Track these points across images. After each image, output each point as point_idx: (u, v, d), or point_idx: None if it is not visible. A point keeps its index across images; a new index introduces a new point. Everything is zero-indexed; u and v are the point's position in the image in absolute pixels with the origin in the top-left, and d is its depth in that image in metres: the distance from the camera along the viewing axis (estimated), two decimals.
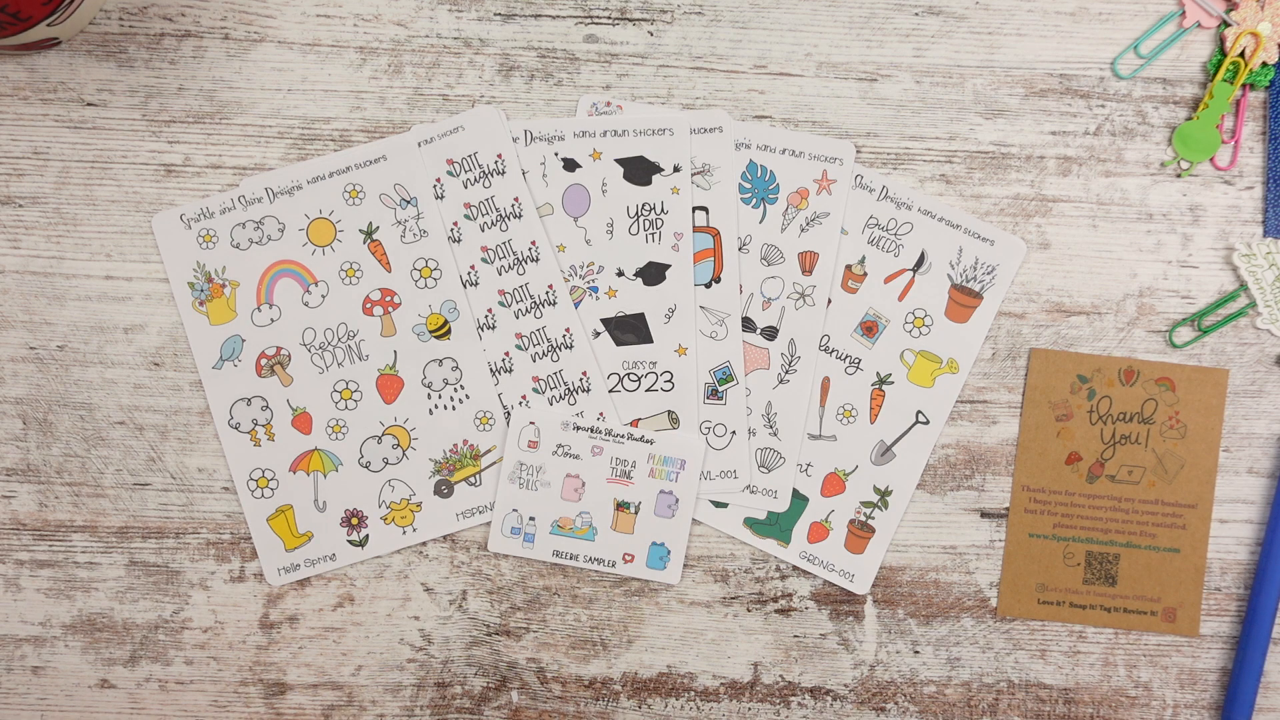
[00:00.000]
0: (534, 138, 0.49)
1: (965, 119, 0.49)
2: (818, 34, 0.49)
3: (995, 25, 0.49)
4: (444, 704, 0.49)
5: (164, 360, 0.49)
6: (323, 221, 0.49)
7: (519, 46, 0.49)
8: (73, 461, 0.49)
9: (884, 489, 0.49)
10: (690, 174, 0.49)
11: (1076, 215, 0.49)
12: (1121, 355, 0.49)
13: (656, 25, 0.49)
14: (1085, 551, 0.48)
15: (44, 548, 0.49)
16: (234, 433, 0.48)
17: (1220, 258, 0.49)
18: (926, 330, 0.49)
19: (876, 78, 0.49)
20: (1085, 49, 0.49)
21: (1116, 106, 0.49)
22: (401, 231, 0.49)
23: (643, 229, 0.49)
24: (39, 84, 0.49)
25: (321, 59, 0.49)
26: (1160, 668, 0.49)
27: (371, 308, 0.49)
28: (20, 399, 0.49)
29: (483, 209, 0.49)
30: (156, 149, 0.49)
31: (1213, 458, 0.48)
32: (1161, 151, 0.49)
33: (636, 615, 0.49)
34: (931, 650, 0.49)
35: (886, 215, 0.49)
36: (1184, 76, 0.49)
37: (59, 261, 0.49)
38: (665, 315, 0.49)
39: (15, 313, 0.49)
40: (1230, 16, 0.48)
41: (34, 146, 0.49)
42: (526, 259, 0.49)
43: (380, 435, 0.49)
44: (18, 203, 0.49)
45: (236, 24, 0.49)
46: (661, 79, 0.49)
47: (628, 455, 0.48)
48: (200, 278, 0.48)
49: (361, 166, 0.49)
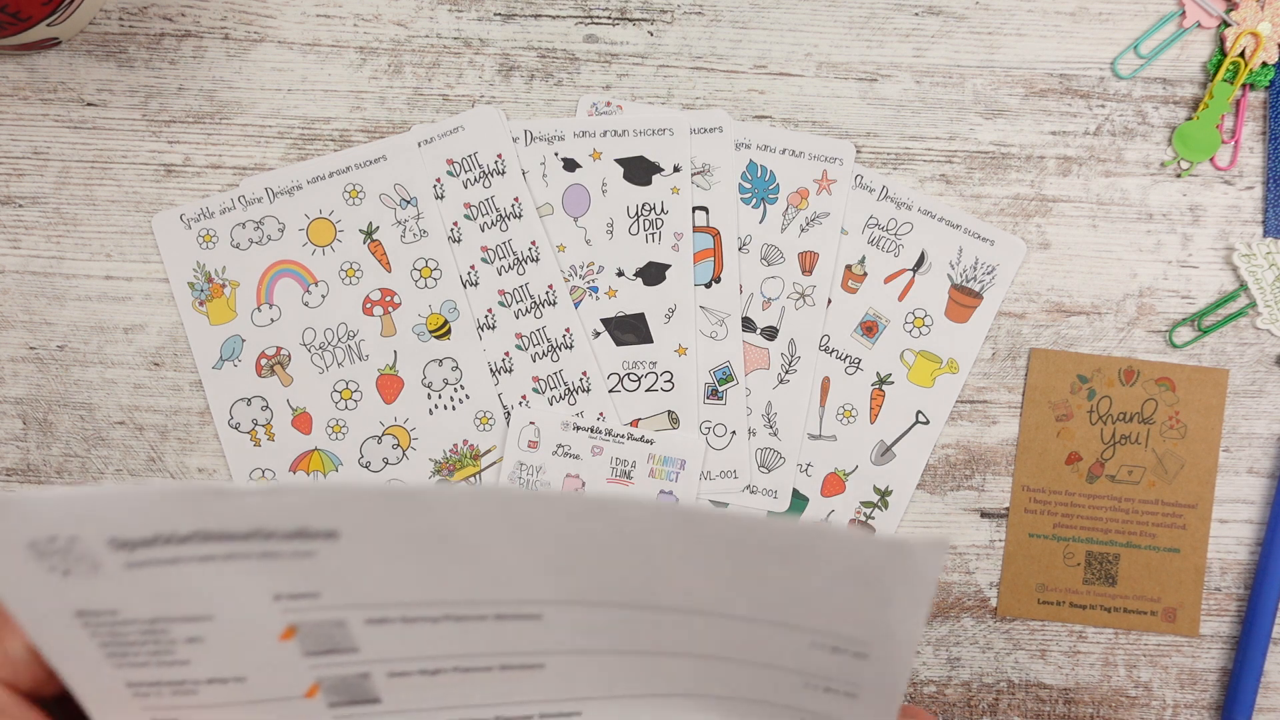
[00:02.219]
0: (534, 138, 0.49)
1: (965, 119, 0.49)
2: (818, 34, 0.49)
3: (995, 25, 0.49)
4: None
5: (164, 360, 0.49)
6: (323, 221, 0.49)
7: (519, 46, 0.49)
8: (73, 461, 0.49)
9: (884, 489, 0.49)
10: (690, 174, 0.49)
11: (1076, 215, 0.49)
12: (1121, 355, 0.49)
13: (656, 25, 0.49)
14: (1085, 551, 0.48)
15: None
16: (234, 433, 0.48)
17: (1220, 258, 0.49)
18: (926, 330, 0.49)
19: (876, 78, 0.49)
20: (1085, 49, 0.49)
21: (1116, 106, 0.49)
22: (401, 231, 0.49)
23: (643, 229, 0.49)
24: (39, 84, 0.49)
25: (321, 59, 0.49)
26: (1160, 668, 0.49)
27: (371, 308, 0.49)
28: (20, 399, 0.49)
29: (483, 209, 0.49)
30: (156, 149, 0.49)
31: (1213, 458, 0.48)
32: (1161, 151, 0.49)
33: None
34: (931, 650, 0.49)
35: (886, 215, 0.49)
36: (1184, 76, 0.49)
37: (59, 261, 0.49)
38: (665, 315, 0.49)
39: (15, 313, 0.49)
40: (1230, 16, 0.48)
41: (34, 146, 0.49)
42: (526, 259, 0.49)
43: (380, 435, 0.49)
44: (18, 203, 0.49)
45: (236, 24, 0.49)
46: (661, 79, 0.49)
47: (628, 455, 0.48)
48: (200, 278, 0.48)
49: (361, 166, 0.49)
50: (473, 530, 0.26)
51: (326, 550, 0.26)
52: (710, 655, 0.30)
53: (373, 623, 0.28)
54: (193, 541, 0.26)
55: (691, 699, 0.31)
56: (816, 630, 0.29)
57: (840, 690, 0.30)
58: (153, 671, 0.28)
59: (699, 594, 0.28)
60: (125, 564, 0.26)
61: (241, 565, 0.26)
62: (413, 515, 0.25)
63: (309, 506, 0.25)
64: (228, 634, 0.28)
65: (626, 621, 0.29)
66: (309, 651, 0.28)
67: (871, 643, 0.28)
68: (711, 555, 0.26)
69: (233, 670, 0.29)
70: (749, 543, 0.26)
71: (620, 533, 0.26)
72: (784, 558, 0.27)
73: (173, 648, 0.28)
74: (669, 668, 0.30)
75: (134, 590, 0.27)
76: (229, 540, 0.26)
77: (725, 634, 0.29)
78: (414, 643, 0.28)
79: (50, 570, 0.26)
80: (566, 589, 0.27)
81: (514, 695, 0.30)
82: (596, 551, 0.26)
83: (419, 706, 0.30)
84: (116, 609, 0.27)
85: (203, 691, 0.29)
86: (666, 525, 0.26)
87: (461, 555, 0.26)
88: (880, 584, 0.27)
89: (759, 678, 0.30)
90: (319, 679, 0.29)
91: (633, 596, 0.28)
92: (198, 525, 0.25)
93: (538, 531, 0.26)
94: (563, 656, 0.29)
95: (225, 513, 0.25)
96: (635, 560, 0.27)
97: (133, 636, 0.28)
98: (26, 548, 0.26)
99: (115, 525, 0.25)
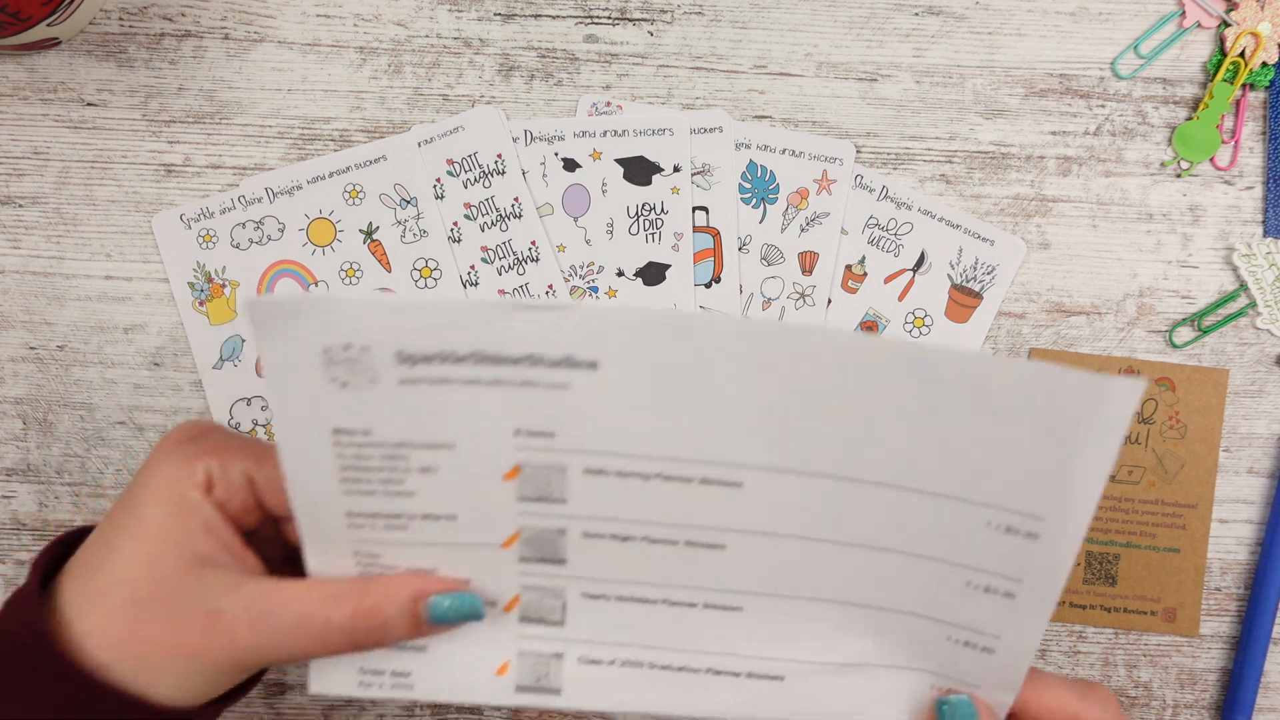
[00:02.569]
0: (534, 138, 0.49)
1: (965, 119, 0.49)
2: (818, 34, 0.49)
3: (995, 25, 0.49)
4: (444, 702, 0.49)
5: (164, 360, 0.49)
6: (323, 221, 0.49)
7: (519, 46, 0.49)
8: (73, 461, 0.49)
9: None
10: (690, 174, 0.49)
11: (1076, 215, 0.49)
12: (1121, 355, 0.49)
13: (656, 25, 0.49)
14: (1085, 551, 0.48)
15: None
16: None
17: (1220, 258, 0.49)
18: (926, 330, 0.49)
19: (876, 78, 0.49)
20: (1085, 49, 0.49)
21: (1116, 106, 0.49)
22: (401, 231, 0.49)
23: (643, 229, 0.49)
24: (39, 84, 0.49)
25: (321, 59, 0.49)
26: (1160, 668, 0.49)
27: None
28: (20, 399, 0.49)
29: (483, 209, 0.49)
30: (156, 149, 0.49)
31: (1213, 458, 0.48)
32: (1161, 151, 0.49)
33: None
34: None
35: (886, 215, 0.49)
36: (1184, 76, 0.49)
37: (59, 261, 0.49)
38: None
39: (15, 313, 0.49)
40: (1230, 16, 0.48)
41: (34, 146, 0.49)
42: (526, 259, 0.49)
43: None
44: (18, 203, 0.49)
45: (236, 24, 0.49)
46: (661, 79, 0.49)
47: None
48: (200, 278, 0.49)
49: (361, 166, 0.49)
50: (718, 359, 0.28)
51: (580, 383, 0.29)
52: (887, 547, 0.31)
53: (590, 473, 0.31)
54: (467, 362, 0.29)
55: (850, 611, 0.33)
56: (995, 504, 0.30)
57: (999, 591, 0.31)
58: (376, 502, 0.31)
59: (895, 454, 0.30)
60: (399, 380, 0.29)
61: (499, 394, 0.29)
62: (673, 340, 0.28)
63: (583, 330, 0.28)
64: (460, 467, 0.30)
65: (819, 498, 0.30)
66: (523, 496, 0.31)
67: (1047, 516, 0.30)
68: (912, 396, 0.29)
69: (449, 508, 0.31)
70: (951, 380, 0.28)
71: (844, 371, 0.28)
72: (977, 397, 0.29)
73: (404, 477, 0.31)
74: (842, 563, 0.32)
75: (396, 410, 0.30)
76: (500, 364, 0.29)
77: (908, 515, 0.31)
78: (619, 502, 0.31)
79: (330, 380, 0.29)
80: (775, 451, 0.30)
81: (687, 579, 0.32)
82: (817, 394, 0.29)
83: (597, 576, 0.33)
84: (371, 429, 0.30)
85: (413, 528, 0.32)
86: (888, 362, 0.28)
87: (699, 393, 0.29)
88: (1070, 426, 0.29)
89: (926, 577, 0.32)
90: (520, 528, 0.32)
91: (833, 463, 0.30)
92: (476, 346, 0.29)
93: (774, 363, 0.28)
94: (746, 538, 0.31)
95: (505, 334, 0.28)
96: (848, 403, 0.29)
97: (374, 461, 0.30)
98: (321, 353, 0.29)
99: (407, 338, 0.28)
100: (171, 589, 0.30)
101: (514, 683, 0.34)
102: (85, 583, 0.31)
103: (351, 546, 0.32)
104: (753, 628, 0.33)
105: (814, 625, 0.33)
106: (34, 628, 0.29)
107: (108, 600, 0.30)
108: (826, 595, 0.33)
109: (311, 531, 0.32)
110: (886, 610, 0.33)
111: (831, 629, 0.33)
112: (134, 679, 0.30)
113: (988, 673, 0.33)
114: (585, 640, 0.33)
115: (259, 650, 0.31)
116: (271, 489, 0.32)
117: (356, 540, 0.32)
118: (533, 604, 0.33)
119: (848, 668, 0.33)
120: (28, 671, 0.29)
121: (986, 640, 0.32)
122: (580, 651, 0.34)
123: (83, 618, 0.30)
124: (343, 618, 0.31)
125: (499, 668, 0.34)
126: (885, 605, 0.33)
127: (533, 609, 0.33)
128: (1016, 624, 0.32)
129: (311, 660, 0.33)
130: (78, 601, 0.30)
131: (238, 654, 0.30)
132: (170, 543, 0.31)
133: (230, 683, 0.32)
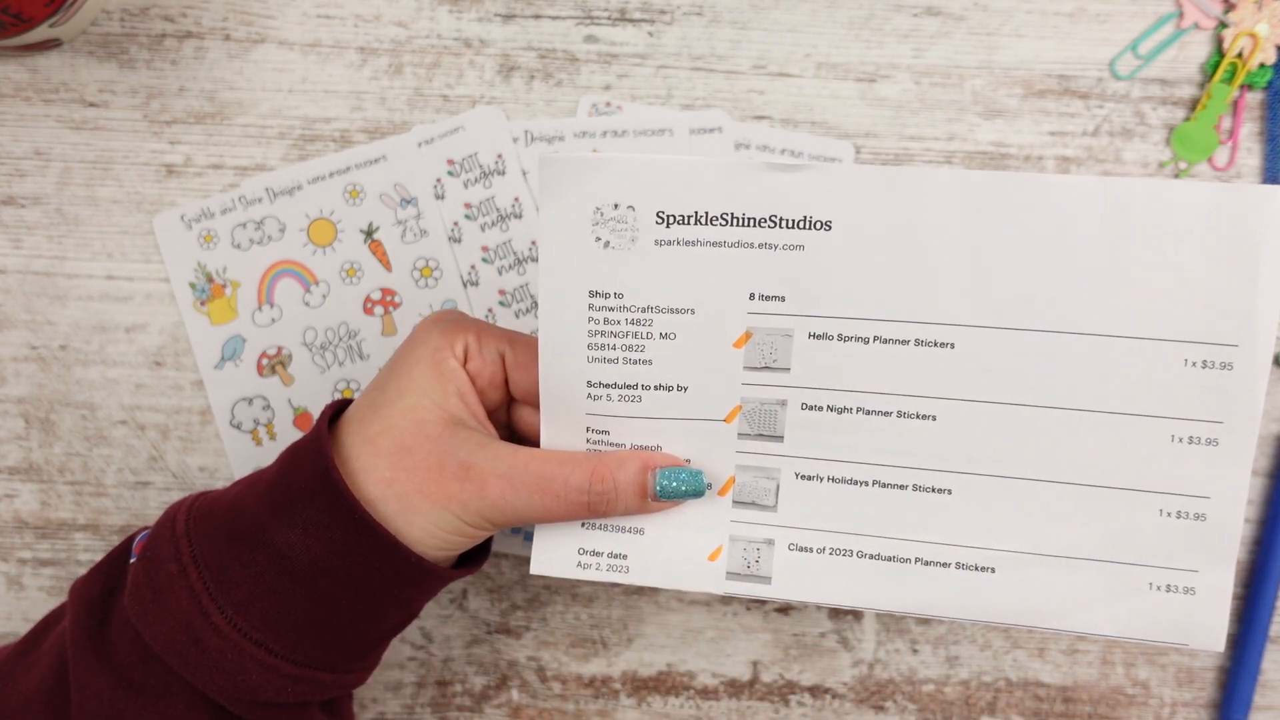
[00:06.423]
0: (534, 138, 0.49)
1: (964, 119, 0.49)
2: (817, 34, 0.49)
3: (994, 26, 0.49)
4: (444, 702, 0.49)
5: (165, 360, 0.49)
6: (323, 221, 0.49)
7: (519, 47, 0.49)
8: (75, 460, 0.49)
9: None
10: None
11: None
12: None
13: (656, 26, 0.49)
14: None
15: (46, 546, 0.49)
16: (235, 432, 0.49)
17: None
18: None
19: (876, 78, 0.49)
20: (1084, 49, 0.49)
21: (1115, 107, 0.49)
22: (402, 231, 0.49)
23: None
24: (41, 85, 0.49)
25: (322, 59, 0.49)
26: (1158, 666, 0.49)
27: (372, 307, 0.49)
28: (22, 398, 0.49)
29: (483, 209, 0.49)
30: (158, 149, 0.49)
31: None
32: (1160, 152, 0.49)
33: (636, 614, 0.49)
34: (930, 649, 0.49)
35: None
36: (1182, 77, 0.49)
37: (60, 261, 0.49)
38: None
39: (17, 312, 0.49)
40: (1228, 17, 0.48)
41: (36, 147, 0.49)
42: (527, 259, 0.49)
43: None
44: (20, 203, 0.49)
45: (237, 24, 0.49)
46: (661, 79, 0.49)
47: None
48: (201, 278, 0.49)
49: (362, 166, 0.49)
50: (933, 210, 0.32)
51: (815, 243, 0.32)
52: (1091, 407, 0.33)
53: (814, 338, 0.33)
54: (717, 223, 0.32)
55: (1060, 492, 0.34)
56: (1189, 339, 0.32)
57: (1203, 439, 0.32)
58: (616, 370, 0.34)
59: (1091, 299, 0.32)
60: (656, 240, 0.32)
61: (740, 257, 0.32)
62: (898, 195, 0.31)
63: (822, 189, 0.31)
64: (696, 333, 0.33)
65: (1025, 356, 0.32)
66: (749, 365, 0.34)
67: (1240, 342, 0.31)
68: (1104, 225, 0.31)
69: (682, 377, 0.34)
70: (1137, 203, 0.31)
71: (1041, 210, 0.31)
72: (1162, 218, 0.31)
73: (645, 344, 0.34)
74: (1050, 432, 0.33)
75: (650, 272, 0.33)
76: (745, 226, 0.32)
77: (1108, 365, 0.32)
78: (838, 370, 0.33)
79: (595, 240, 0.32)
80: (984, 308, 0.32)
81: (898, 457, 0.34)
82: (1018, 236, 0.31)
83: (811, 455, 0.34)
84: (623, 292, 0.33)
85: (646, 400, 0.34)
86: (1080, 193, 0.31)
87: (918, 249, 0.32)
88: (1250, 244, 0.31)
89: (1132, 437, 0.33)
90: (743, 400, 0.34)
91: (1035, 314, 0.32)
92: (728, 206, 0.32)
93: (980, 206, 0.31)
94: (957, 407, 0.33)
95: (755, 193, 0.32)
96: (1046, 241, 0.31)
97: (620, 327, 0.33)
98: (593, 211, 0.32)
99: (667, 196, 0.32)
100: (431, 440, 0.34)
101: (725, 569, 0.35)
102: (359, 430, 0.35)
103: (585, 421, 0.35)
104: (961, 513, 0.34)
105: (1023, 510, 0.34)
106: (323, 456, 0.34)
107: (378, 445, 0.34)
108: (1034, 473, 0.33)
109: (552, 401, 0.34)
110: (1096, 486, 0.33)
111: (1041, 514, 0.34)
112: (395, 517, 0.34)
113: (1202, 549, 0.33)
114: (795, 526, 0.35)
115: (504, 502, 0.34)
116: (520, 367, 0.36)
117: (591, 412, 0.34)
118: (747, 486, 0.35)
119: (1058, 560, 0.34)
120: (312, 494, 0.33)
121: (1197, 505, 0.33)
122: (791, 538, 0.35)
123: (356, 457, 0.34)
124: (581, 478, 0.34)
125: (711, 553, 0.35)
126: (1094, 481, 0.33)
127: (747, 492, 0.35)
128: (1223, 476, 0.32)
129: (536, 536, 0.36)
130: (353, 444, 0.35)
131: (485, 504, 0.34)
132: (431, 401, 0.34)
133: (471, 539, 0.35)
